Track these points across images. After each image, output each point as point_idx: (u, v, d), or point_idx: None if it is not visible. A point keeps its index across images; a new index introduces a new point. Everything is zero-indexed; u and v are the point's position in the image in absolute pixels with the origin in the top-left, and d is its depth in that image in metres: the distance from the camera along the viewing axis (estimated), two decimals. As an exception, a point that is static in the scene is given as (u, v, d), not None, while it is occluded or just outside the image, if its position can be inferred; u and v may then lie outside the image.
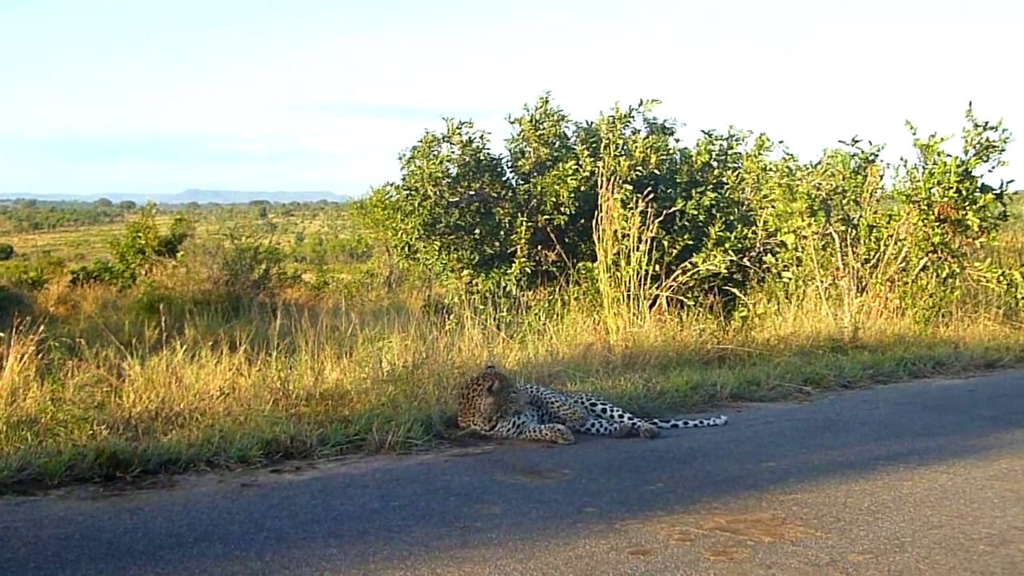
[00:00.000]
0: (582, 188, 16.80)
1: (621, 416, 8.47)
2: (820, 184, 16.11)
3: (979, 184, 15.50)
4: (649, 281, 12.24)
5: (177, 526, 5.76)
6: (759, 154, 18.44)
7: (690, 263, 14.08)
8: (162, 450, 7.03)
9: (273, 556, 5.25)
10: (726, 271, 15.88)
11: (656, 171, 17.52)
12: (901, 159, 16.14)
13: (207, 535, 5.60)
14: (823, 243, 15.47)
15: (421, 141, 17.88)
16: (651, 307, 12.27)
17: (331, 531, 5.69)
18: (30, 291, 29.25)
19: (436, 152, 17.83)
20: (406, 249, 18.99)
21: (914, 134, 15.73)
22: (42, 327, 8.89)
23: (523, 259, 17.26)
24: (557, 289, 16.17)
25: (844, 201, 15.95)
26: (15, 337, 8.48)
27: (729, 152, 18.69)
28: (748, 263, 16.69)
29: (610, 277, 12.36)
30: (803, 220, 15.34)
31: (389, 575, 5.00)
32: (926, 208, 15.23)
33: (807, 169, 17.07)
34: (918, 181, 15.61)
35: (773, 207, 16.22)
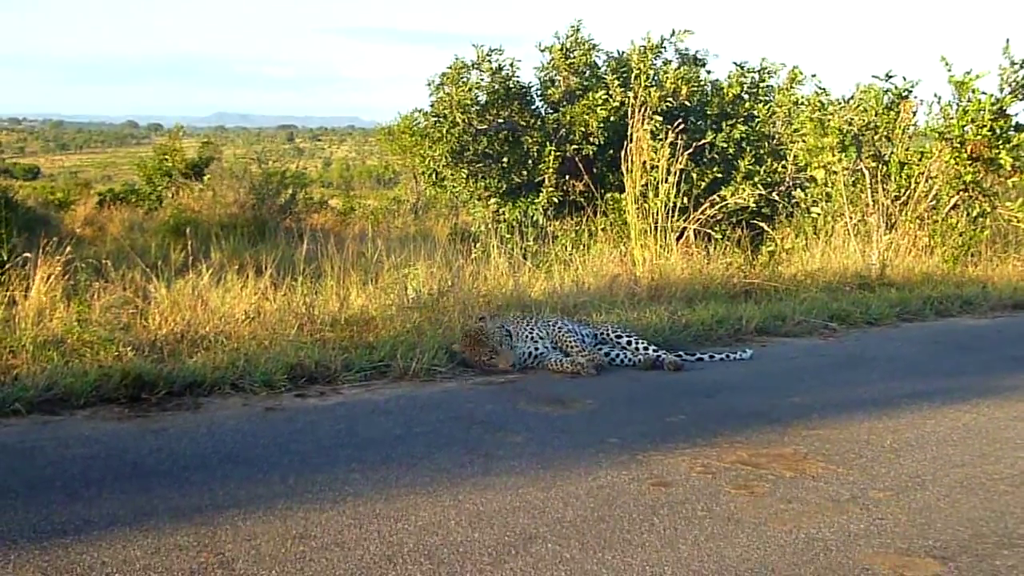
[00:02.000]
0: (611, 118, 16.69)
1: (646, 348, 8.46)
2: (852, 119, 15.92)
3: (1013, 123, 15.29)
4: (677, 213, 12.17)
5: (201, 448, 5.80)
6: (791, 88, 18.27)
7: (719, 196, 13.97)
8: (187, 372, 7.08)
9: (296, 479, 5.29)
10: (755, 205, 15.79)
11: (687, 103, 17.37)
12: (935, 96, 15.95)
13: (231, 457, 5.64)
14: (853, 179, 15.33)
15: (451, 68, 17.76)
16: (678, 240, 12.21)
17: (354, 456, 5.72)
18: (57, 212, 29.32)
19: (465, 79, 17.72)
20: (433, 176, 18.95)
21: (949, 71, 15.51)
22: (68, 248, 8.91)
23: (551, 189, 17.20)
24: (584, 219, 16.12)
25: (876, 137, 15.77)
26: (42, 258, 8.52)
27: (761, 85, 18.51)
28: (777, 197, 16.60)
29: (638, 209, 12.30)
30: (834, 155, 15.20)
31: (411, 501, 5.03)
32: (959, 146, 15.05)
33: (839, 104, 16.87)
34: (951, 118, 15.42)
35: (804, 141, 16.07)
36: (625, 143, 12.84)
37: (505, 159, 17.98)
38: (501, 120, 17.83)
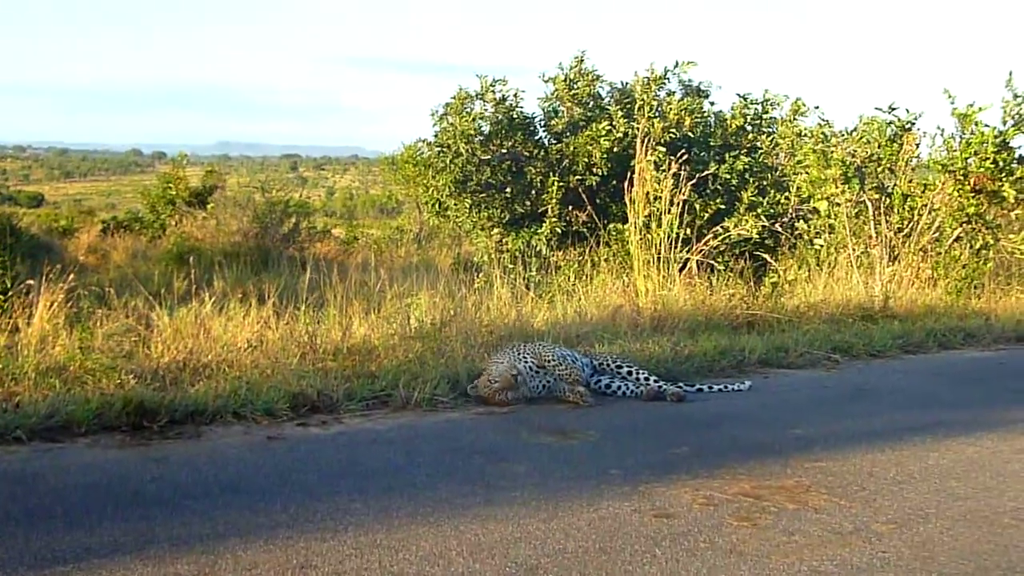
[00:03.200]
0: (615, 149, 16.72)
1: (648, 379, 8.45)
2: (855, 151, 15.94)
3: (1017, 156, 15.30)
4: (680, 244, 12.18)
5: (203, 476, 5.79)
6: (794, 119, 18.31)
7: (722, 227, 13.99)
8: (189, 401, 7.07)
9: (298, 509, 5.28)
10: (758, 236, 15.81)
11: (690, 134, 17.41)
12: (938, 128, 15.98)
13: (232, 486, 5.63)
14: (856, 211, 15.34)
15: (454, 98, 17.80)
16: (681, 270, 12.21)
17: (356, 486, 5.71)
18: (60, 240, 29.37)
19: (469, 109, 17.75)
20: (437, 206, 18.98)
21: (952, 103, 15.55)
22: (72, 276, 8.93)
23: (554, 219, 17.20)
24: (587, 250, 16.12)
25: (879, 169, 15.77)
26: (45, 285, 8.53)
27: (764, 116, 18.53)
28: (780, 229, 16.59)
29: (641, 239, 12.31)
30: (837, 187, 15.21)
31: (413, 531, 5.02)
32: (962, 178, 15.06)
33: (842, 135, 16.89)
34: (955, 151, 15.43)
35: (807, 173, 16.07)
36: (628, 174, 12.86)
37: (508, 189, 17.99)
38: (504, 150, 17.85)
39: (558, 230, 17.29)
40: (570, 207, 17.49)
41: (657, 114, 17.05)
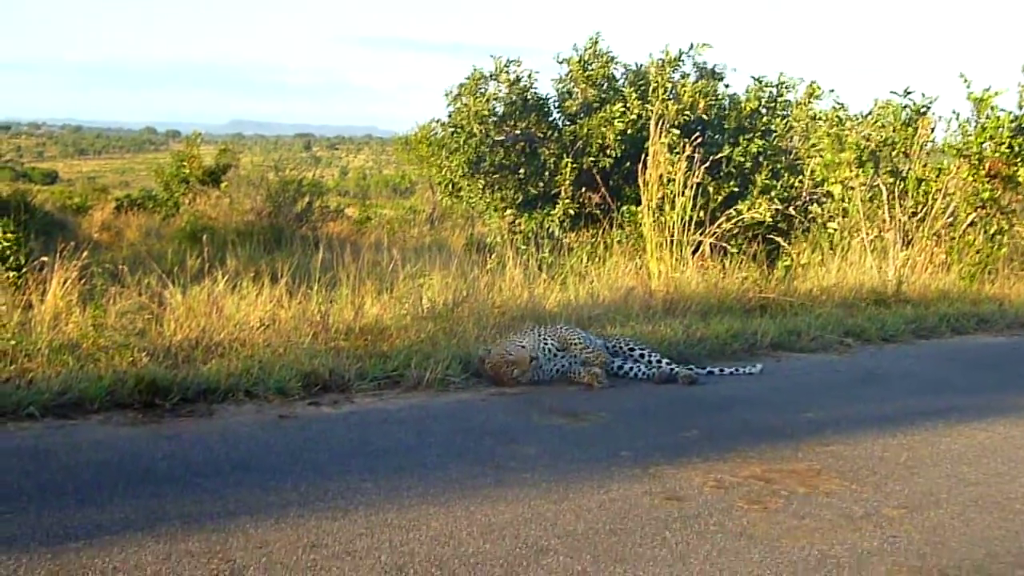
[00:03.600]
0: (629, 131, 16.69)
1: (660, 361, 8.45)
2: (870, 135, 15.87)
3: (1032, 140, 15.26)
4: (693, 227, 12.15)
5: (214, 455, 5.81)
6: (809, 102, 18.23)
7: (735, 210, 13.95)
8: (201, 379, 7.08)
9: (309, 487, 5.29)
10: (771, 220, 15.75)
11: (704, 116, 17.36)
12: (953, 112, 15.94)
13: (244, 464, 5.65)
14: (870, 195, 15.30)
15: (468, 78, 17.79)
16: (694, 253, 12.19)
17: (367, 465, 5.72)
18: (74, 217, 29.37)
19: (483, 90, 17.74)
20: (450, 187, 18.99)
21: (968, 87, 15.48)
22: (85, 253, 8.96)
23: (567, 200, 17.20)
24: (600, 232, 16.12)
25: (893, 153, 15.71)
26: (59, 262, 8.55)
27: (778, 99, 18.46)
28: (793, 212, 16.54)
29: (654, 222, 12.28)
30: (851, 171, 15.16)
31: (423, 511, 5.03)
32: (977, 163, 15.00)
33: (857, 119, 16.82)
34: (970, 135, 15.37)
35: (821, 157, 16.02)
36: (642, 156, 12.82)
37: (522, 170, 17.98)
38: (518, 132, 17.84)
39: (571, 212, 17.28)
40: (583, 189, 17.49)
41: (671, 96, 17.01)
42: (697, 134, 13.60)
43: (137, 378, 6.84)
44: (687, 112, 16.78)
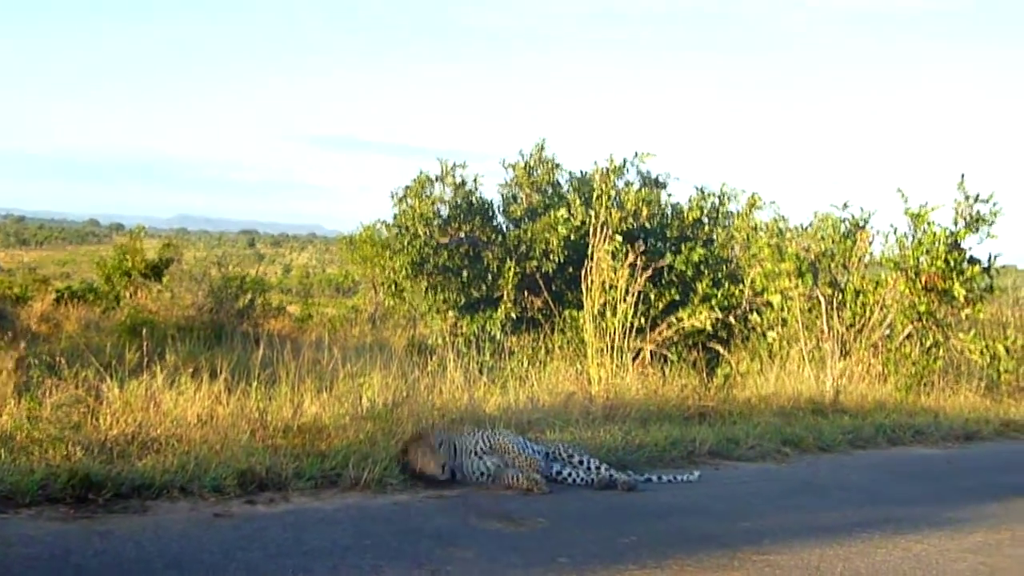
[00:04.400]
0: (572, 237, 16.84)
1: (599, 467, 8.44)
2: (809, 246, 16.14)
3: (967, 256, 15.55)
4: (634, 333, 12.23)
5: (147, 552, 5.72)
6: (750, 213, 18.53)
7: (675, 318, 14.10)
8: (136, 475, 7.00)
9: (241, 588, 5.22)
10: (711, 328, 15.90)
11: (647, 224, 17.55)
12: (891, 226, 16.22)
13: (177, 563, 5.57)
14: (809, 305, 15.50)
15: (415, 180, 17.95)
16: (634, 360, 12.26)
17: (302, 566, 5.66)
18: (13, 307, 29.03)
19: (429, 192, 17.91)
20: (393, 287, 19.06)
21: (905, 202, 15.82)
22: (23, 344, 8.87)
23: (509, 304, 17.27)
24: (541, 336, 16.18)
25: (832, 264, 15.97)
26: (-4, 352, 8.46)
27: (720, 209, 18.75)
28: (733, 321, 16.69)
29: (595, 327, 12.36)
30: (790, 281, 15.37)
31: (357, 614, 4.97)
32: (913, 276, 15.27)
33: (797, 231, 17.12)
34: (907, 249, 15.67)
35: (761, 266, 16.24)
36: (585, 262, 12.94)
37: (465, 273, 18.07)
38: (462, 234, 17.96)
39: (513, 315, 17.35)
40: (526, 292, 17.57)
41: (615, 203, 17.20)
42: (640, 241, 13.74)
43: (70, 472, 6.75)
44: (630, 219, 16.95)
